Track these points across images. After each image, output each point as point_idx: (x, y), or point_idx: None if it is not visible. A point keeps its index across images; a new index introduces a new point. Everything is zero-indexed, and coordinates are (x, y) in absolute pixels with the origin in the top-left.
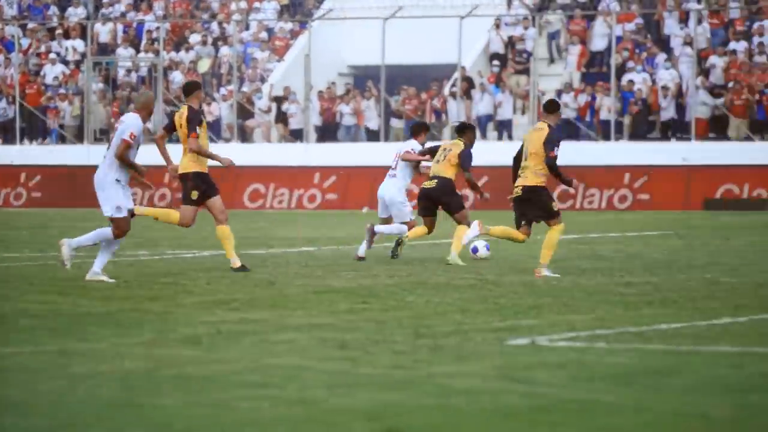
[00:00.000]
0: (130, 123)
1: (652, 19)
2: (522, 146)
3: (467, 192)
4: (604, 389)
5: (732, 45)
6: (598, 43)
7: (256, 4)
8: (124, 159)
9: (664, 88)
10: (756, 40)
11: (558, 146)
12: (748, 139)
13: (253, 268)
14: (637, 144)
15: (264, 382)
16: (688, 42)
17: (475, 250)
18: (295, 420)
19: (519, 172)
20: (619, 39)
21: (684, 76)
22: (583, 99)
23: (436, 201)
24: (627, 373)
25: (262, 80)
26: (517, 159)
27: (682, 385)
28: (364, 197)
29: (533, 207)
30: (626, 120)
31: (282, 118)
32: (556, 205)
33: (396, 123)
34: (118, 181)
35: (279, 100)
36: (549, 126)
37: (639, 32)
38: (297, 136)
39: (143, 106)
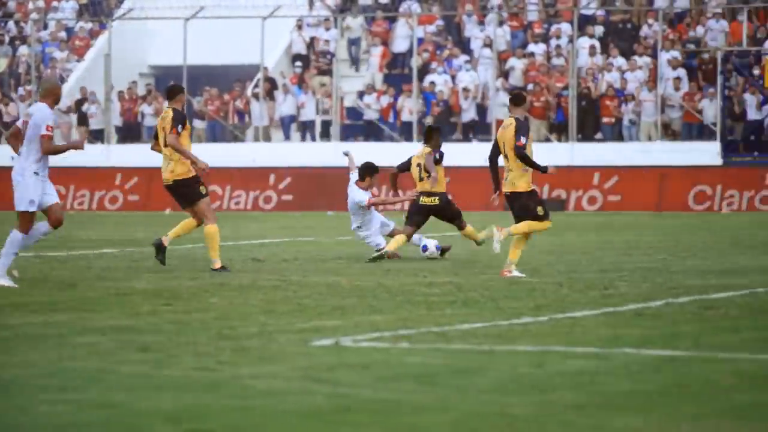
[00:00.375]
0: (42, 116)
1: (452, 21)
2: (494, 146)
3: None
4: (407, 389)
5: (531, 47)
6: (399, 45)
7: (55, 4)
8: (51, 151)
9: (465, 89)
10: (554, 42)
11: (526, 135)
12: (547, 140)
13: (52, 270)
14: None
15: (64, 385)
16: (488, 44)
17: (425, 248)
18: (96, 424)
19: (505, 175)
20: (420, 41)
21: (484, 78)
22: (385, 100)
23: (440, 216)
24: (430, 372)
25: (62, 80)
26: (493, 160)
27: (485, 384)
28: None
29: (521, 210)
30: (428, 121)
31: (83, 118)
32: (542, 210)
33: (198, 124)
34: (36, 174)
35: (80, 102)
36: (516, 119)
37: (440, 34)
38: (98, 136)
39: (48, 93)
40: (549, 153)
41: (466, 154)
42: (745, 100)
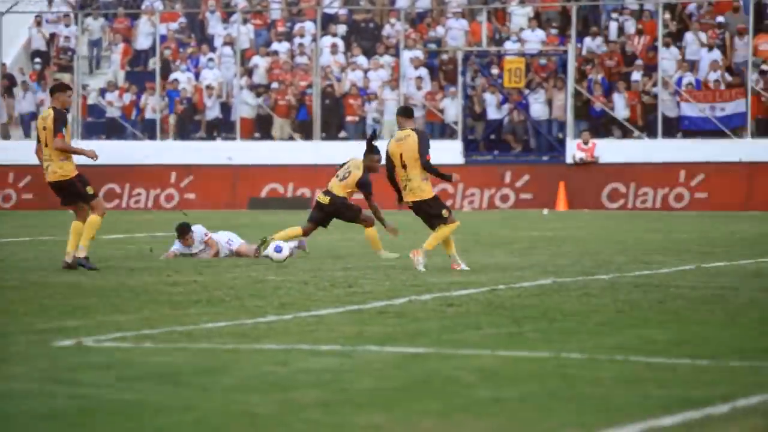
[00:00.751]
0: None
1: (196, 18)
2: (389, 160)
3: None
4: (151, 389)
5: (274, 45)
6: (142, 42)
7: None
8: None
9: (209, 87)
10: (297, 41)
11: (429, 147)
12: (291, 139)
13: None
14: (183, 143)
15: None
16: (230, 42)
17: (278, 249)
18: None
19: (403, 185)
20: (163, 38)
21: (227, 76)
22: (128, 98)
23: (340, 217)
24: (174, 372)
25: None
26: (390, 174)
27: (229, 383)
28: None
29: (428, 217)
30: (172, 119)
31: None
32: (447, 212)
33: None
34: None
35: None
36: (416, 131)
37: (183, 31)
38: None
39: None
40: (293, 152)
41: (211, 151)
42: (485, 100)
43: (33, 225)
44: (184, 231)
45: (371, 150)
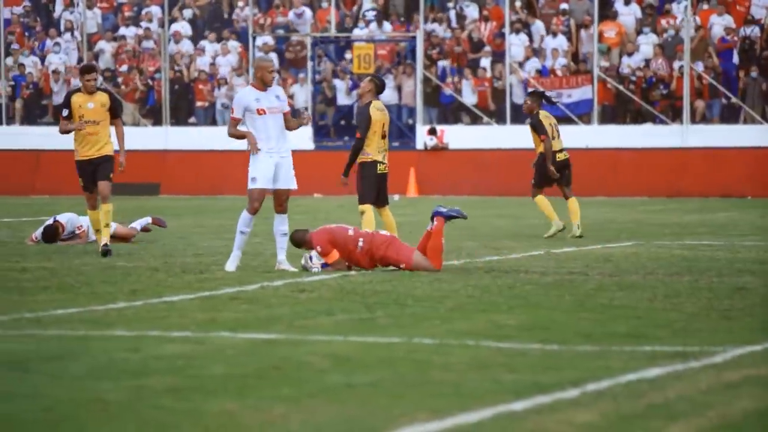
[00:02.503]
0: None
1: (41, 2)
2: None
3: None
4: None
5: (122, 30)
6: None
7: None
8: (230, 135)
9: (55, 72)
10: (144, 25)
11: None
12: (139, 124)
13: None
14: (29, 128)
15: None
16: (73, 27)
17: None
18: None
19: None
20: (7, 22)
21: (73, 61)
22: None
23: None
24: (22, 359)
25: None
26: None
27: (79, 370)
28: None
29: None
30: (18, 104)
31: None
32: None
33: None
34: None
35: None
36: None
37: (28, 15)
38: None
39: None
40: (142, 137)
41: (57, 137)
42: (335, 86)
43: None
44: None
45: None
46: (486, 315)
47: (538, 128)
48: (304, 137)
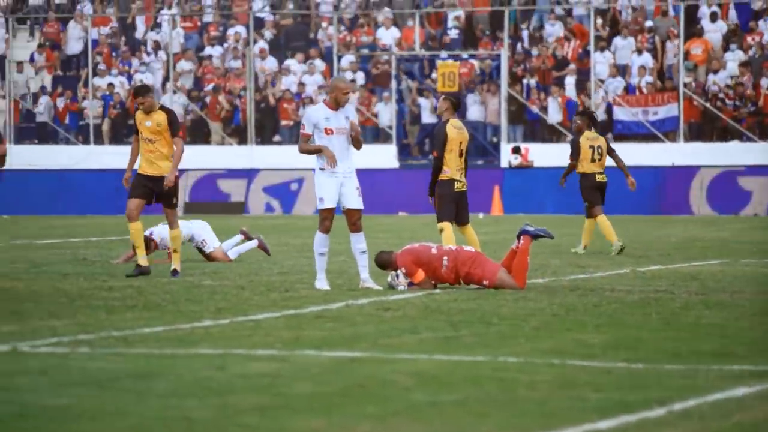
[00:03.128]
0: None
1: (127, 22)
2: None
3: None
4: (86, 394)
5: (207, 50)
6: (73, 47)
7: None
8: (302, 150)
9: None
10: (229, 45)
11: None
12: (224, 143)
13: None
14: (117, 147)
15: None
16: (160, 46)
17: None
18: None
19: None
20: (95, 42)
21: (159, 80)
22: (61, 102)
23: None
24: (110, 377)
25: None
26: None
27: (165, 389)
28: None
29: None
30: (106, 124)
31: None
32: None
33: None
34: (322, 170)
35: None
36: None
37: (114, 36)
38: None
39: (330, 91)
40: (228, 156)
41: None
42: (419, 104)
43: None
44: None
45: None
46: (571, 333)
47: (573, 150)
48: (388, 156)
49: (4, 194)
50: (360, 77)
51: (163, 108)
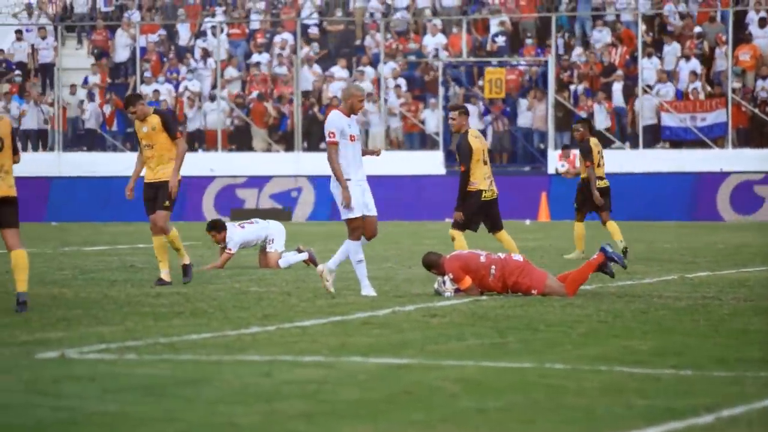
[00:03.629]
0: (328, 121)
1: (174, 30)
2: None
3: None
4: (134, 400)
5: (254, 57)
6: (121, 54)
7: None
8: (330, 161)
9: (189, 98)
10: (276, 52)
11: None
12: (270, 150)
13: None
14: None
15: None
16: (208, 54)
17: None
18: None
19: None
20: (143, 50)
21: (206, 87)
22: (108, 110)
23: None
24: (157, 384)
25: None
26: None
27: (212, 395)
28: None
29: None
30: None
31: None
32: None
33: None
34: (348, 179)
35: None
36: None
37: (162, 43)
38: None
39: (345, 98)
40: (274, 163)
41: (192, 163)
42: None
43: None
44: (216, 225)
45: None
46: (618, 340)
47: (586, 155)
48: (435, 162)
49: (53, 202)
50: (402, 84)
51: (156, 111)
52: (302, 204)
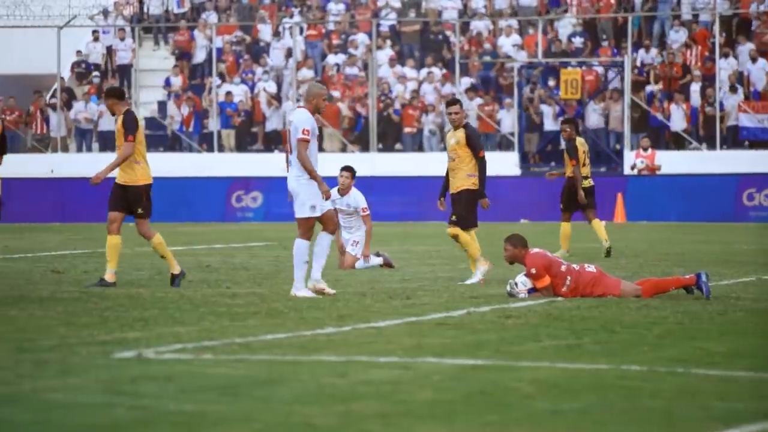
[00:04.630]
0: (299, 119)
1: (250, 31)
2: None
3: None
4: (210, 400)
5: (330, 58)
6: (198, 55)
7: None
8: (302, 158)
9: (266, 99)
10: (351, 52)
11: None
12: (344, 150)
13: None
14: (241, 155)
15: None
16: (284, 54)
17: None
18: None
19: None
20: (219, 51)
21: (283, 88)
22: (186, 110)
23: None
24: (233, 384)
25: None
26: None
27: (288, 395)
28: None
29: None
30: (227, 132)
31: None
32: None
33: None
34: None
35: None
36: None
37: (239, 44)
38: None
39: (310, 98)
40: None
41: (268, 163)
42: (542, 111)
43: (93, 237)
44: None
45: None
46: (695, 342)
47: (571, 153)
48: (509, 163)
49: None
50: (478, 84)
51: (125, 112)
52: (376, 204)
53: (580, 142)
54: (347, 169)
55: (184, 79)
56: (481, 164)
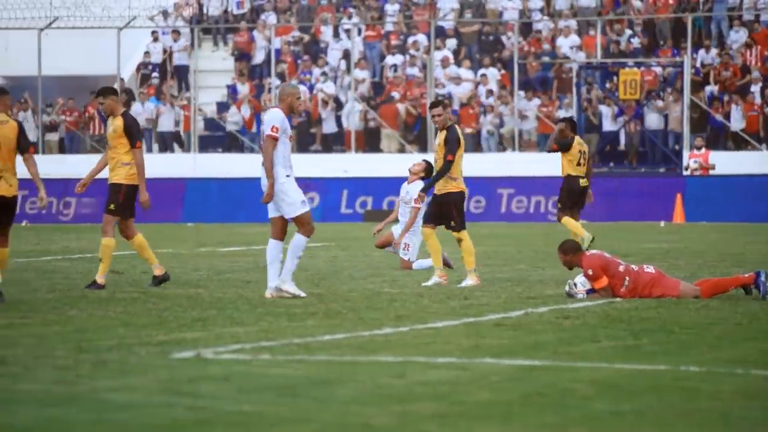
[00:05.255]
0: (270, 118)
1: (309, 31)
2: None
3: None
4: (268, 401)
5: (388, 59)
6: (257, 56)
7: None
8: (267, 154)
9: (324, 100)
10: (411, 53)
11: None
12: (402, 150)
13: None
14: (300, 156)
15: None
16: (343, 54)
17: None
18: None
19: None
20: (278, 52)
21: (342, 89)
22: (247, 111)
23: None
24: (291, 384)
25: None
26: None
27: (346, 395)
28: None
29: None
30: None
31: None
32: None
33: (51, 136)
34: (288, 176)
35: None
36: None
37: (297, 45)
38: None
39: (283, 98)
40: (407, 164)
41: (326, 164)
42: (600, 112)
43: (151, 238)
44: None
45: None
46: (755, 343)
47: (564, 146)
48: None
49: (189, 203)
50: (536, 85)
51: (123, 114)
52: None
53: (578, 141)
54: (424, 161)
55: (251, 87)
56: (444, 167)
